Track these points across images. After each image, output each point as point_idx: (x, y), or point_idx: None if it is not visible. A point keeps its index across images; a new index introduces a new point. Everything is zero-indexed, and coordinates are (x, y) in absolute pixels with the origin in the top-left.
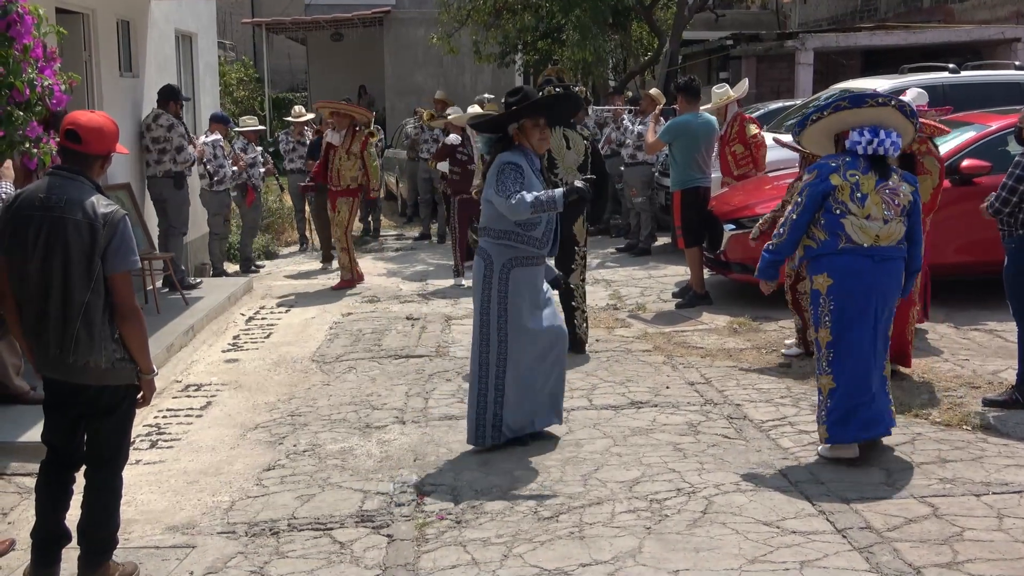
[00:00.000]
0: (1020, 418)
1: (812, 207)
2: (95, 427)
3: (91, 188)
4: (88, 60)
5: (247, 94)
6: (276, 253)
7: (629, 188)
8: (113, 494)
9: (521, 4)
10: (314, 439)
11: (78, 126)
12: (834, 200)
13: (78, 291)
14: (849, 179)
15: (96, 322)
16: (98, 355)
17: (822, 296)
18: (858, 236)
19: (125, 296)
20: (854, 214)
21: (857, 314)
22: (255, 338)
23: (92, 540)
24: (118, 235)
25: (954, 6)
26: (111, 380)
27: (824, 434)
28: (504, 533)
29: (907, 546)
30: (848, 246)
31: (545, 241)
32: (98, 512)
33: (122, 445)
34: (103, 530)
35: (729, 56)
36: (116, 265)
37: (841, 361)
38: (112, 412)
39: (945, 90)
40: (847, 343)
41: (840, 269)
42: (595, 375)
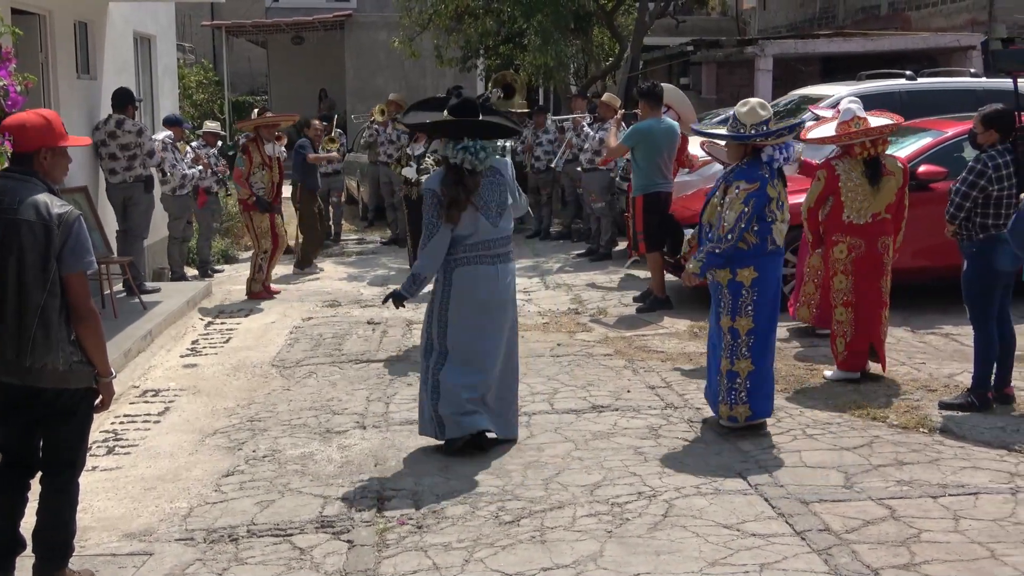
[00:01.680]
0: (976, 421)
1: (755, 216)
2: (53, 432)
3: (43, 188)
4: (44, 61)
5: (206, 97)
6: (236, 257)
7: (588, 193)
8: (69, 499)
9: (483, 9)
10: (274, 444)
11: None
12: (768, 209)
13: (34, 293)
14: (777, 189)
15: (53, 324)
16: (55, 357)
17: (745, 288)
18: (779, 239)
19: (81, 297)
20: (779, 220)
21: (772, 303)
22: (214, 343)
23: (48, 547)
24: (73, 235)
25: (911, 14)
26: (69, 383)
27: (746, 411)
28: (465, 538)
29: (865, 548)
30: (773, 248)
31: (488, 246)
32: (54, 518)
33: (80, 450)
34: (59, 536)
35: (690, 62)
36: (72, 265)
37: (762, 345)
38: (70, 416)
39: (902, 97)
40: (766, 329)
41: (764, 265)
42: (556, 379)
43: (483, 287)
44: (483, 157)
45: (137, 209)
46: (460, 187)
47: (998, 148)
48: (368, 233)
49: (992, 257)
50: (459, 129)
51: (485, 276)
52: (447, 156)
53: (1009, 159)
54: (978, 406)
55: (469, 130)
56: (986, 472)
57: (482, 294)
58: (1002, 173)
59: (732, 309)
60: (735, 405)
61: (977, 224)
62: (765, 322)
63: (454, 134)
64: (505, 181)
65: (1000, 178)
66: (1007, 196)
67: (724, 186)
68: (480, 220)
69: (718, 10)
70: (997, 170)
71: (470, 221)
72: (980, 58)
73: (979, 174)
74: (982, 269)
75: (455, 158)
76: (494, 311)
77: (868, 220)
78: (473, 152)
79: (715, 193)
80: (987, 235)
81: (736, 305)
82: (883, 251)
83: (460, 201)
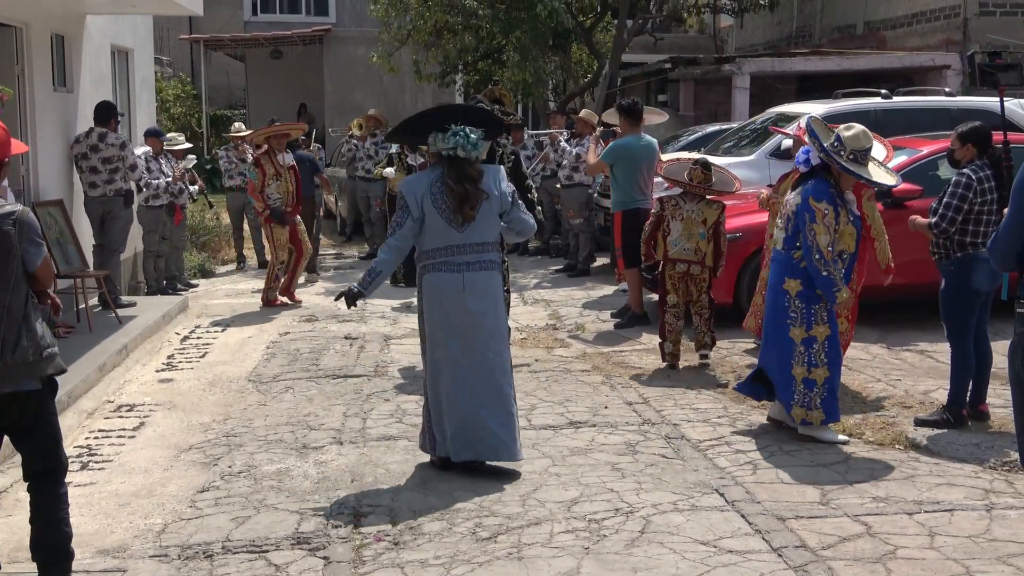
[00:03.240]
0: (951, 438)
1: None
2: (27, 440)
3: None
4: (21, 74)
5: (184, 110)
6: (213, 271)
7: (566, 210)
8: (60, 503)
9: (461, 25)
10: (250, 460)
11: None
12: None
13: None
14: None
15: (22, 317)
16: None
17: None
18: None
19: (49, 279)
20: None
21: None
22: (190, 357)
23: (47, 553)
24: (27, 230)
25: (886, 33)
26: (38, 372)
27: (820, 416)
28: (442, 554)
29: (842, 564)
30: None
31: (450, 252)
32: (52, 523)
33: (59, 451)
34: (56, 541)
35: (667, 79)
36: (36, 257)
37: (836, 351)
38: (35, 423)
39: (877, 115)
40: (835, 333)
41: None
42: (534, 395)
43: (445, 297)
44: (475, 141)
45: (116, 223)
46: (464, 180)
47: (976, 163)
48: (346, 248)
49: (970, 276)
50: (443, 117)
51: (447, 286)
52: (439, 150)
53: (989, 174)
54: (953, 423)
55: (454, 116)
56: (961, 489)
57: (444, 305)
58: (984, 187)
59: (806, 319)
60: (810, 410)
61: (955, 242)
62: (835, 331)
63: (438, 124)
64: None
65: (982, 191)
66: (987, 212)
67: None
68: (438, 222)
69: (696, 28)
70: (980, 183)
71: (431, 224)
72: (966, 73)
73: (966, 187)
74: (960, 287)
75: (448, 147)
76: (458, 324)
77: None
78: (464, 136)
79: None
80: (965, 253)
81: (810, 312)
82: None
83: (471, 196)
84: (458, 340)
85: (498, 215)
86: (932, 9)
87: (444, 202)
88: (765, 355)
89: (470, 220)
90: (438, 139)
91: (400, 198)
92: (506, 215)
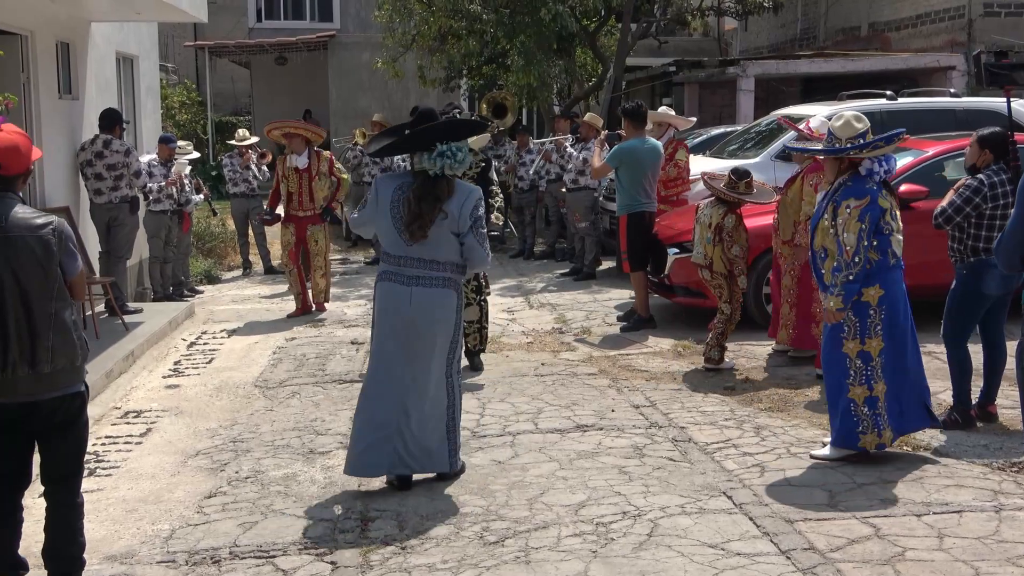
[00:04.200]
0: (959, 439)
1: (873, 230)
2: (53, 447)
3: (17, 201)
4: (26, 82)
5: (189, 117)
6: (218, 277)
7: (572, 213)
8: (76, 511)
9: (466, 29)
10: (257, 465)
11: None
12: (883, 221)
13: (43, 304)
14: (887, 199)
15: (67, 325)
16: (73, 354)
17: (872, 307)
18: (899, 249)
19: (82, 290)
20: (895, 231)
21: (905, 316)
22: (197, 363)
23: (59, 561)
24: (65, 241)
25: (891, 35)
26: (76, 380)
27: (891, 435)
28: (450, 559)
29: (850, 566)
30: (894, 261)
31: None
32: (65, 531)
33: (81, 460)
34: (69, 550)
35: (672, 82)
36: (73, 269)
37: (897, 364)
38: (70, 427)
39: (882, 116)
40: (901, 346)
41: (889, 281)
42: (541, 399)
43: (392, 308)
44: (462, 158)
45: (122, 230)
46: (425, 200)
47: (993, 168)
48: (351, 253)
49: (980, 281)
50: (429, 135)
51: (395, 296)
52: (425, 168)
53: (1005, 178)
54: (961, 423)
55: (440, 134)
56: (970, 490)
57: (390, 315)
58: (997, 192)
59: (861, 331)
60: (882, 431)
61: (969, 247)
62: (898, 341)
63: (425, 144)
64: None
65: (995, 196)
66: (1000, 217)
67: (832, 207)
68: (392, 231)
69: (700, 31)
70: (992, 188)
71: (385, 229)
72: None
73: (975, 191)
74: (968, 290)
75: (435, 168)
76: (401, 336)
77: None
78: (451, 155)
79: (822, 216)
80: (977, 259)
81: (865, 327)
82: None
83: (423, 216)
84: (399, 351)
85: (455, 235)
86: (937, 10)
87: (400, 213)
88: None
89: (417, 240)
90: (424, 158)
91: (371, 190)
92: (461, 236)
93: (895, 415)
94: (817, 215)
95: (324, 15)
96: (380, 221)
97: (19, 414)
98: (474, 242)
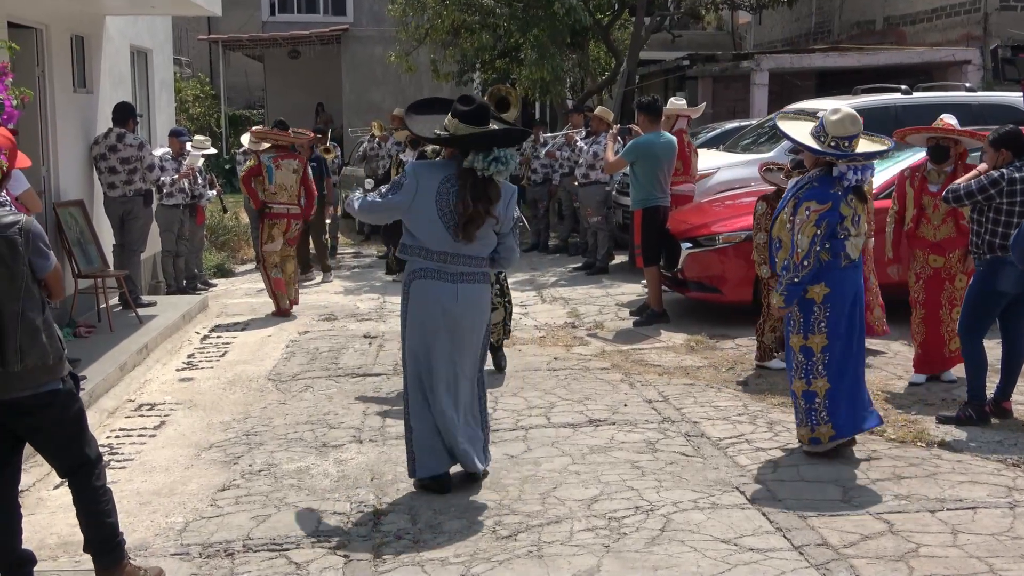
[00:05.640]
0: (973, 434)
1: (828, 236)
2: (42, 444)
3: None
4: (41, 76)
5: (203, 111)
6: (231, 271)
7: (584, 208)
8: (98, 493)
9: (479, 23)
10: (270, 459)
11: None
12: (841, 227)
13: (8, 304)
14: (851, 205)
15: (36, 323)
16: (43, 353)
17: (817, 305)
18: (853, 253)
19: (59, 285)
20: (852, 236)
21: (848, 316)
22: (210, 357)
23: (95, 543)
24: (34, 239)
25: (906, 29)
26: (54, 374)
27: (829, 431)
28: (462, 552)
29: (863, 563)
30: (847, 263)
31: (444, 258)
32: (91, 519)
33: (83, 448)
34: (102, 532)
35: (685, 76)
36: (44, 267)
37: (839, 362)
38: (54, 424)
39: (897, 111)
40: (843, 343)
41: (837, 280)
42: (553, 393)
43: (436, 306)
44: (512, 165)
45: (136, 223)
46: (480, 201)
47: (1017, 164)
48: (364, 247)
49: (997, 278)
50: (489, 140)
51: (440, 294)
52: (475, 167)
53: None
54: (975, 419)
55: (500, 140)
56: (984, 486)
57: (434, 313)
58: (1016, 188)
59: (804, 327)
60: (816, 426)
61: (986, 242)
62: (843, 338)
63: (484, 145)
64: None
65: (1012, 192)
66: (1018, 214)
67: (794, 202)
68: (438, 226)
69: (714, 25)
70: (1011, 184)
71: (427, 223)
72: (988, 67)
73: (993, 182)
74: (985, 287)
75: (486, 170)
76: (447, 333)
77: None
78: (504, 162)
79: (783, 208)
80: (994, 256)
81: (808, 323)
82: None
83: (479, 218)
84: (445, 349)
85: (495, 233)
86: (952, 4)
87: (450, 209)
88: None
89: (469, 240)
90: (478, 159)
91: (404, 176)
92: (502, 236)
93: (839, 413)
94: (781, 205)
95: (337, 9)
96: (420, 212)
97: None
98: (513, 242)
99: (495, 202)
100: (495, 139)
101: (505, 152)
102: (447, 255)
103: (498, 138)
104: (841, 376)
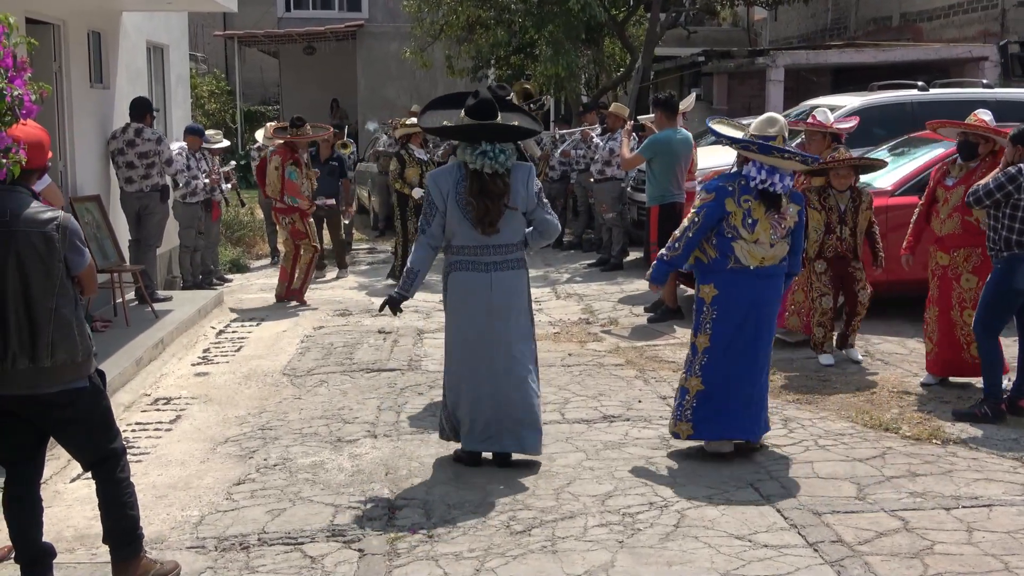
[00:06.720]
0: (989, 432)
1: (707, 228)
2: (66, 439)
3: (29, 196)
4: (58, 71)
5: (219, 106)
6: (247, 266)
7: (599, 204)
8: (122, 485)
9: (494, 19)
10: (285, 453)
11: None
12: (727, 224)
13: (44, 300)
14: (742, 205)
15: (69, 320)
16: (74, 349)
17: (706, 305)
18: (746, 259)
19: (92, 283)
20: (744, 239)
21: (737, 324)
22: (225, 351)
23: (114, 535)
24: (70, 236)
25: (923, 25)
26: (82, 373)
27: (688, 430)
28: (476, 547)
29: (878, 560)
30: (735, 267)
31: (474, 251)
32: (112, 511)
33: (107, 442)
34: (120, 524)
35: (701, 72)
36: (79, 264)
37: (715, 367)
38: (77, 421)
39: (913, 108)
40: (724, 350)
41: (726, 282)
42: (568, 389)
43: (472, 295)
44: (503, 160)
45: (152, 218)
46: (485, 196)
47: None
48: (379, 243)
49: (1013, 276)
50: (477, 133)
51: (475, 284)
52: (466, 161)
53: None
54: (991, 417)
55: (488, 133)
56: (1000, 484)
57: (471, 303)
58: None
59: (695, 324)
60: (679, 421)
61: (1003, 239)
62: (723, 345)
63: (471, 138)
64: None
65: None
66: None
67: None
68: (463, 223)
69: (729, 21)
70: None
71: (456, 223)
72: (1000, 64)
73: (1011, 178)
74: (1002, 285)
75: (474, 163)
76: (485, 321)
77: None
78: (492, 156)
79: None
80: (1011, 253)
81: (698, 321)
82: None
83: (491, 211)
84: (484, 337)
85: (523, 214)
86: (969, 0)
87: (468, 205)
88: None
89: (492, 232)
90: (465, 151)
91: (426, 192)
92: (530, 214)
93: (702, 416)
94: None
95: (353, 5)
96: (452, 217)
97: (19, 406)
98: (543, 215)
99: (503, 194)
100: (485, 132)
101: (495, 147)
102: (478, 248)
103: (484, 131)
104: (714, 381)
